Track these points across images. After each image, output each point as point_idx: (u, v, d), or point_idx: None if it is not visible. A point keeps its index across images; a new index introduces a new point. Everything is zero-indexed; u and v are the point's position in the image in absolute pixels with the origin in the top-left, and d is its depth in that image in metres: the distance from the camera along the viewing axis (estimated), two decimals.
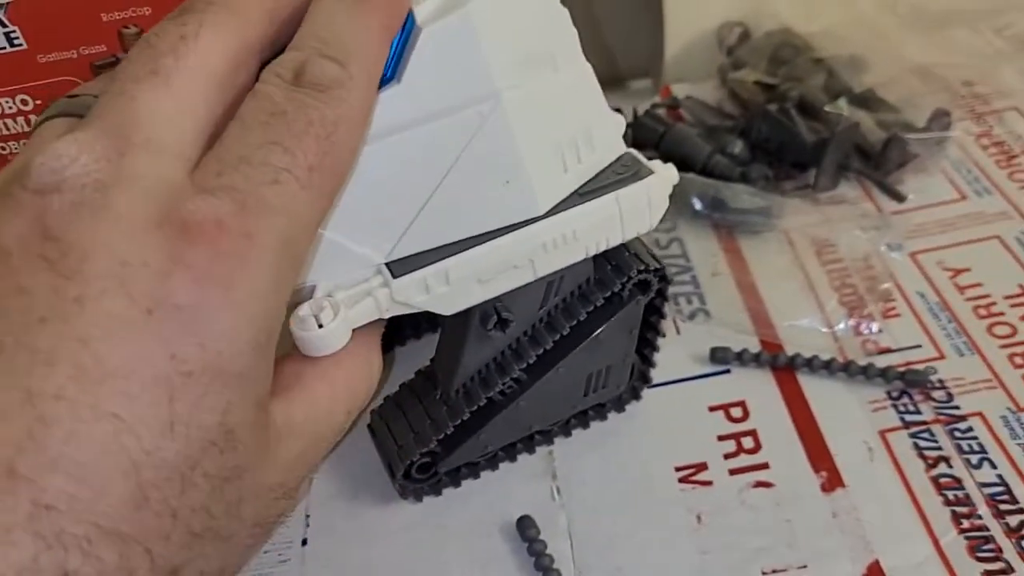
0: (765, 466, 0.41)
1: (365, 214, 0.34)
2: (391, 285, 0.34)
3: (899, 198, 0.51)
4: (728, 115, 0.60)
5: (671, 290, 0.46)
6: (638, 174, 0.37)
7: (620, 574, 0.39)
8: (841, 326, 0.46)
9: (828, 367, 0.44)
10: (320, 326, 0.32)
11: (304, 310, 0.33)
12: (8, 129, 0.52)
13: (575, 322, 0.39)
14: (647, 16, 0.65)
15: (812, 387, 0.44)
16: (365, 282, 0.35)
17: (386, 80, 0.33)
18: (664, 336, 0.43)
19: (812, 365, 0.44)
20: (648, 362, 0.43)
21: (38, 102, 0.51)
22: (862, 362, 0.44)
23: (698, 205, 0.52)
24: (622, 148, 0.38)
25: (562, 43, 0.36)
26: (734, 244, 0.52)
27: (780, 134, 0.53)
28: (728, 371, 0.45)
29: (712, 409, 0.44)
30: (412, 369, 0.42)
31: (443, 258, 0.35)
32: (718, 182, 0.52)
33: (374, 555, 0.40)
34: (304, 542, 0.41)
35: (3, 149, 0.52)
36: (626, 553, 0.39)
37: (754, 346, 0.46)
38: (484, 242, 0.35)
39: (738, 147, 0.54)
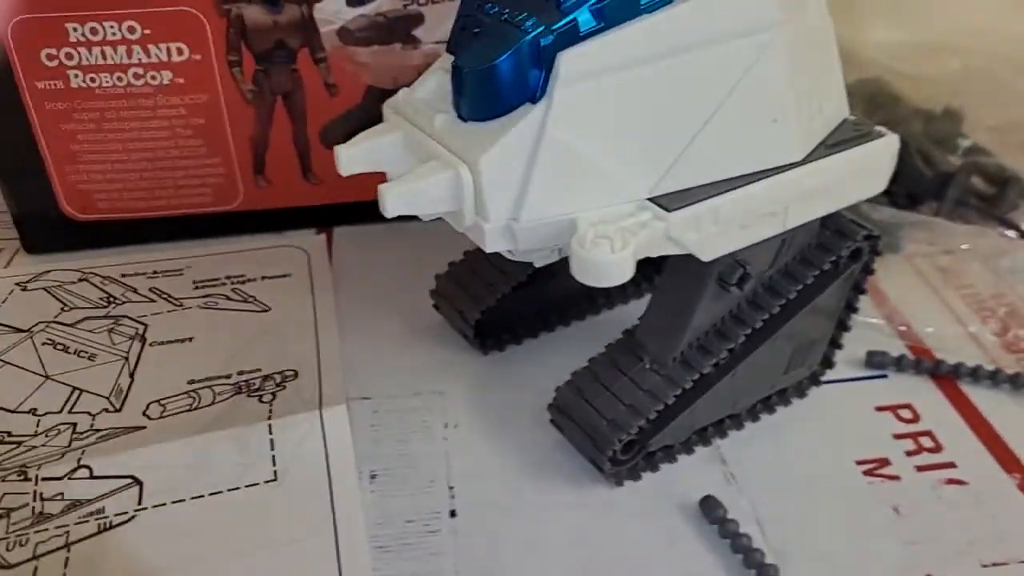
0: (952, 465, 0.40)
1: (636, 140, 0.32)
2: (666, 219, 0.32)
3: (1020, 231, 0.53)
4: None
5: None
6: (872, 133, 0.36)
7: (826, 561, 0.36)
8: (991, 337, 0.46)
9: (993, 378, 0.43)
10: (612, 252, 0.30)
11: (591, 232, 0.30)
12: (105, 58, 0.46)
13: (800, 287, 0.37)
14: None
15: (979, 396, 0.43)
16: (633, 216, 0.32)
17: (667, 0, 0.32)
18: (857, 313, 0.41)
19: (976, 375, 0.43)
20: (837, 344, 0.41)
21: (147, 31, 0.46)
22: None
23: None
24: (846, 110, 0.38)
25: None
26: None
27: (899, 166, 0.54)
28: (885, 376, 0.44)
29: (879, 409, 0.42)
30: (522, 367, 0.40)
31: (713, 195, 0.33)
32: None
33: (538, 531, 0.36)
34: (452, 513, 0.36)
35: (93, 81, 0.47)
36: (827, 540, 0.37)
37: (896, 349, 0.45)
38: (749, 183, 0.33)
39: None
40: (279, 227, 0.53)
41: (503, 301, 0.42)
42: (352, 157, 0.34)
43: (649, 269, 0.45)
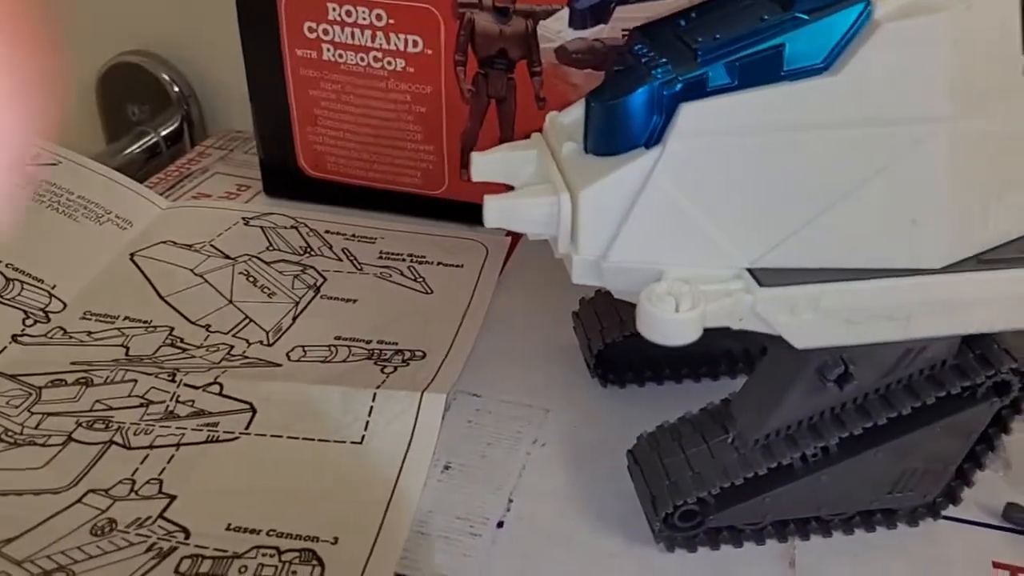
0: None
1: (748, 208, 0.31)
2: (755, 293, 0.30)
3: None
4: None
5: None
6: None
7: None
8: None
9: None
10: (676, 311, 0.29)
11: (662, 288, 0.30)
12: (353, 38, 0.52)
13: (918, 404, 0.34)
14: None
15: None
16: (724, 283, 0.31)
17: (818, 69, 0.30)
18: (995, 453, 0.36)
19: None
20: (966, 480, 0.37)
21: (391, 21, 0.50)
22: None
23: None
24: None
25: (1008, 90, 0.32)
26: None
27: None
28: (1022, 533, 0.38)
29: (997, 566, 0.37)
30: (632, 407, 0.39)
31: (818, 282, 0.31)
32: None
33: (570, 569, 0.36)
34: (500, 524, 0.37)
35: (340, 56, 0.52)
36: None
37: None
38: (866, 279, 0.31)
39: None
40: (473, 221, 0.56)
41: (630, 339, 0.42)
42: (485, 164, 0.36)
43: None
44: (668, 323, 0.30)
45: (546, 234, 0.33)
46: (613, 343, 0.43)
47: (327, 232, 0.55)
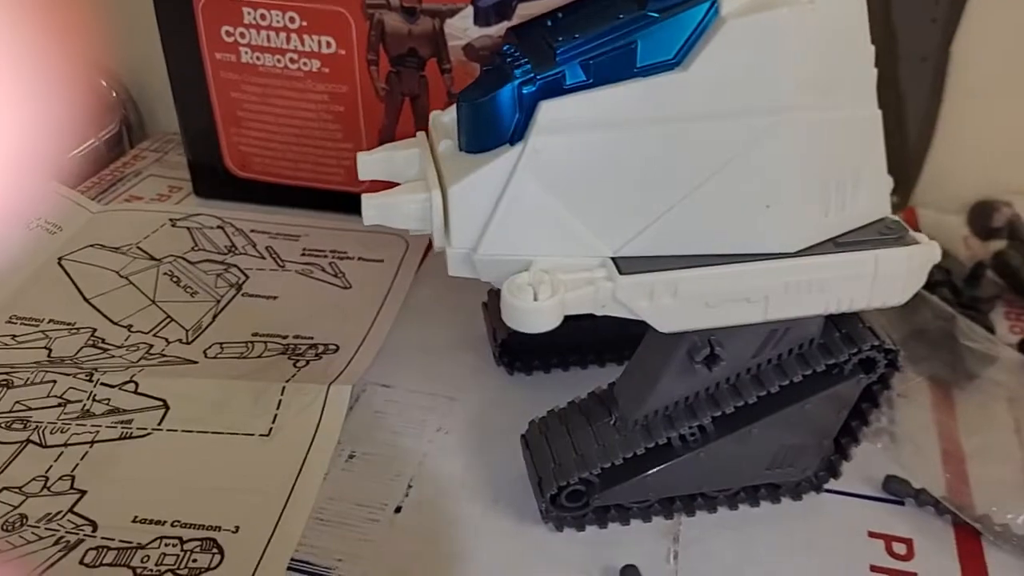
0: None
1: (608, 199, 0.32)
2: (616, 281, 0.32)
3: None
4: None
5: None
6: (902, 239, 0.34)
7: None
8: None
9: None
10: (535, 299, 0.31)
11: (522, 278, 0.32)
12: (268, 41, 0.53)
13: (787, 383, 0.35)
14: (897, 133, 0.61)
15: (996, 558, 0.38)
16: (587, 271, 0.32)
17: (669, 64, 0.31)
18: (870, 427, 0.38)
19: (1004, 535, 0.38)
20: (844, 455, 0.38)
21: (304, 23, 0.52)
22: None
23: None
24: (886, 210, 0.35)
25: (860, 80, 0.34)
26: (943, 386, 0.46)
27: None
28: (901, 503, 0.40)
29: (873, 535, 0.39)
30: (537, 394, 0.40)
31: (676, 268, 0.32)
32: (953, 310, 0.48)
33: (463, 548, 0.37)
34: (398, 509, 0.38)
35: (258, 59, 0.54)
36: None
37: (937, 487, 0.40)
38: (723, 263, 0.32)
39: (987, 287, 0.49)
40: None
41: None
42: (371, 164, 0.37)
43: None
44: (527, 312, 0.31)
45: (424, 230, 0.35)
46: (516, 332, 0.44)
47: (252, 231, 0.57)
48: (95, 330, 0.48)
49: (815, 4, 0.31)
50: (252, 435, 0.41)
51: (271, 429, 0.41)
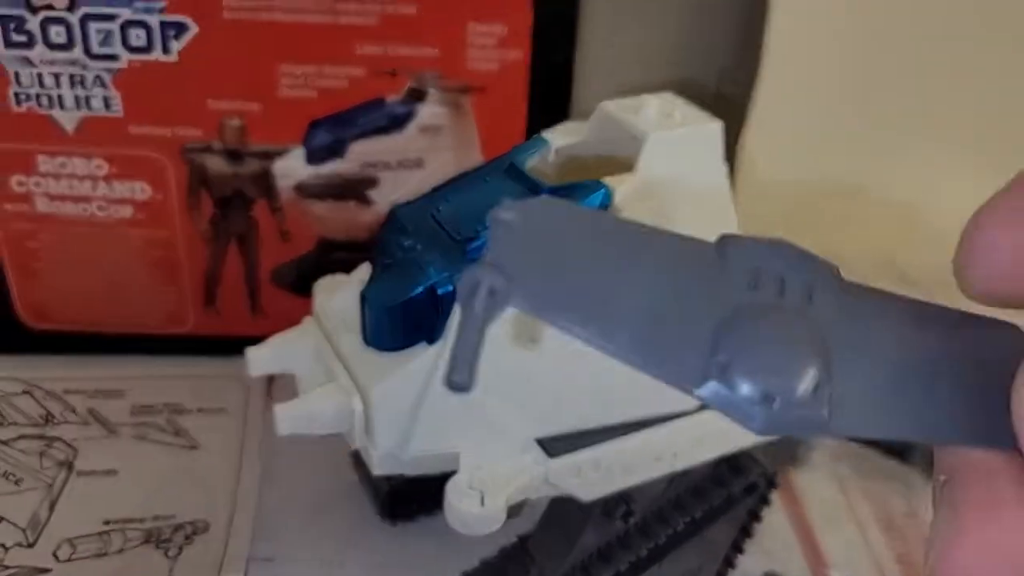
0: None
1: (520, 387, 0.33)
2: (546, 465, 0.33)
3: None
4: None
5: None
6: None
7: None
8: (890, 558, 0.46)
9: None
10: (482, 504, 0.31)
11: (462, 481, 0.32)
12: (72, 189, 0.48)
13: (689, 519, 0.38)
14: None
15: None
16: (515, 459, 0.33)
17: None
18: (753, 538, 0.42)
19: None
20: (731, 564, 0.42)
21: (112, 169, 0.48)
22: None
23: None
24: None
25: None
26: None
27: None
28: None
29: None
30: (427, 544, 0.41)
31: (598, 443, 0.34)
32: None
33: None
34: None
35: (59, 208, 0.49)
36: None
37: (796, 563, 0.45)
38: (636, 431, 0.34)
39: None
40: (223, 353, 0.54)
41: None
42: (262, 359, 0.36)
43: None
44: (476, 517, 0.31)
45: (339, 431, 0.34)
46: (396, 485, 0.44)
47: (66, 392, 0.52)
48: None
49: (691, 184, 0.34)
50: None
51: None
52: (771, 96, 0.58)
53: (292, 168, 0.49)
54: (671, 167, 0.34)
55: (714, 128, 0.35)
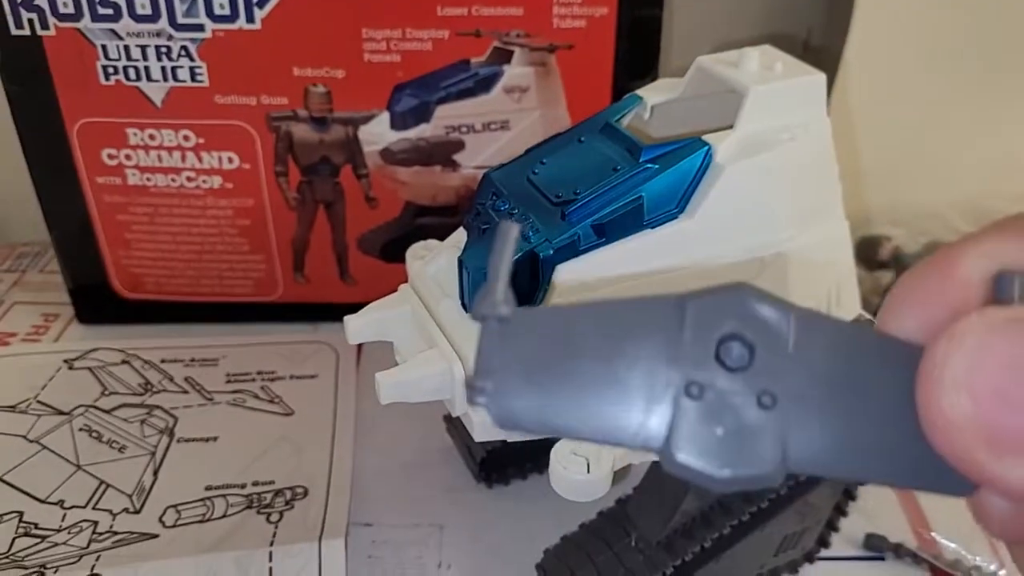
0: None
1: None
2: None
3: None
4: None
5: None
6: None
7: None
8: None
9: None
10: (588, 471, 0.31)
11: (568, 447, 0.31)
12: (160, 161, 0.49)
13: (792, 483, 0.37)
14: None
15: None
16: None
17: (672, 214, 0.32)
18: (856, 501, 0.41)
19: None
20: (833, 527, 0.41)
21: (200, 140, 0.48)
22: None
23: None
24: (858, 308, 0.38)
25: (832, 198, 0.36)
26: None
27: None
28: (882, 558, 0.43)
29: None
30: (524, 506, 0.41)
31: None
32: None
33: None
34: None
35: (149, 180, 0.50)
36: None
37: (909, 540, 0.44)
38: None
39: None
40: (313, 319, 0.55)
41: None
42: (360, 327, 0.36)
43: None
44: (582, 484, 0.31)
45: (440, 398, 0.34)
46: (494, 448, 0.44)
47: (163, 361, 0.53)
48: (22, 514, 0.43)
49: (795, 138, 0.33)
50: None
51: None
52: (862, 49, 0.56)
53: (377, 134, 0.49)
54: (774, 121, 0.33)
55: (818, 80, 0.34)
